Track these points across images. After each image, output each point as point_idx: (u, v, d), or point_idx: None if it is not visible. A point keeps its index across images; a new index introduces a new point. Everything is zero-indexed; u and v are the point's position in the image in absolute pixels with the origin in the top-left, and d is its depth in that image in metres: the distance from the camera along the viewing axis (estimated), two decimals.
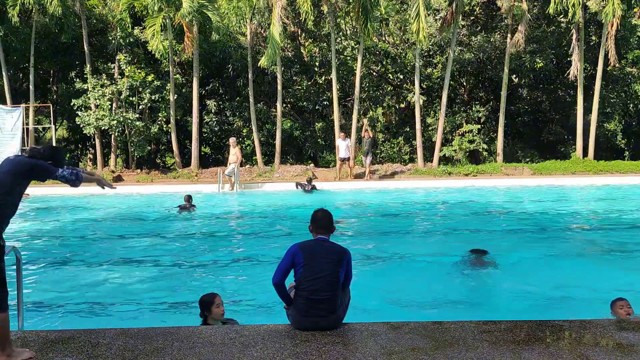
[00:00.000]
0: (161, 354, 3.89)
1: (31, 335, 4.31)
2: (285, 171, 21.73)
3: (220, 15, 22.76)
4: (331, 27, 22.67)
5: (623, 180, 20.16)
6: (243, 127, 26.22)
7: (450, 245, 9.89)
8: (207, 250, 9.75)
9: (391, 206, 15.17)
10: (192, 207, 13.88)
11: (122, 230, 11.74)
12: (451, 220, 13.00)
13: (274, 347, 4.00)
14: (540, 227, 11.59)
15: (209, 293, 5.12)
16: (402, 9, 25.93)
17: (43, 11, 21.40)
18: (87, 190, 18.74)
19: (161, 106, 23.13)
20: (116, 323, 5.79)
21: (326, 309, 4.34)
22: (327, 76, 25.29)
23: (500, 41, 25.00)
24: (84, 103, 21.96)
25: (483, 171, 21.87)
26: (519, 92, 28.48)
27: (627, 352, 3.92)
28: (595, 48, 24.59)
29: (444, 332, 4.29)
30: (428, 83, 27.12)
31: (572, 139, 26.83)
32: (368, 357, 3.80)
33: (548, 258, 8.71)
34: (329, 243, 4.56)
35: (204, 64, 24.54)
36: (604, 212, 13.55)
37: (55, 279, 7.69)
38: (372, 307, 6.29)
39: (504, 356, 3.82)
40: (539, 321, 4.59)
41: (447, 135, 25.82)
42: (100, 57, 24.08)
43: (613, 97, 26.80)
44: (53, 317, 6.15)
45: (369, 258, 8.78)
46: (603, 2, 21.50)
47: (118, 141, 23.07)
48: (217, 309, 4.96)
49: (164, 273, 8.09)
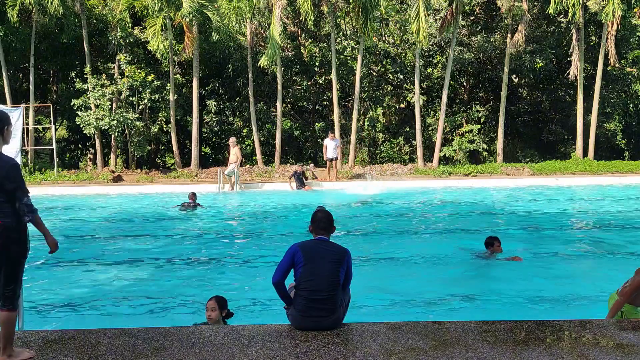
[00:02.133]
0: (161, 354, 3.89)
1: (31, 335, 4.31)
2: (285, 171, 21.72)
3: (220, 15, 22.77)
4: (331, 27, 22.68)
5: (623, 180, 20.16)
6: (243, 127, 26.23)
7: (450, 245, 9.89)
8: (207, 250, 9.74)
9: (391, 206, 15.17)
10: (197, 204, 13.99)
11: (122, 230, 11.74)
12: (451, 220, 13.00)
13: (274, 347, 4.00)
14: (540, 227, 11.59)
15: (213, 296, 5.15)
16: (402, 9, 25.94)
17: (43, 11, 21.40)
18: (87, 191, 18.76)
19: (161, 106, 23.14)
20: (116, 323, 5.78)
21: (326, 309, 4.34)
22: (327, 76, 25.29)
23: (500, 41, 25.01)
24: (84, 103, 21.96)
25: (483, 171, 21.87)
26: (519, 92, 28.49)
27: (627, 352, 3.92)
28: (595, 48, 24.60)
29: (444, 332, 4.29)
30: (428, 83, 27.12)
31: (572, 139, 26.84)
32: (368, 357, 3.80)
33: (548, 258, 8.71)
34: (329, 243, 4.56)
35: (204, 64, 24.54)
36: (604, 212, 13.55)
37: (55, 279, 7.69)
38: (372, 307, 6.29)
39: (504, 356, 3.82)
40: (539, 321, 4.59)
41: (447, 135, 25.84)
42: (100, 57, 24.09)
43: (613, 97, 26.82)
44: (53, 317, 6.14)
45: (369, 258, 8.78)
46: (603, 2, 21.51)
47: (118, 141, 23.07)
48: (207, 313, 4.95)
49: (163, 273, 8.08)
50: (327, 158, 20.10)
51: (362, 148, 28.06)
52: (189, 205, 13.95)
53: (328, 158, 20.04)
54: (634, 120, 29.37)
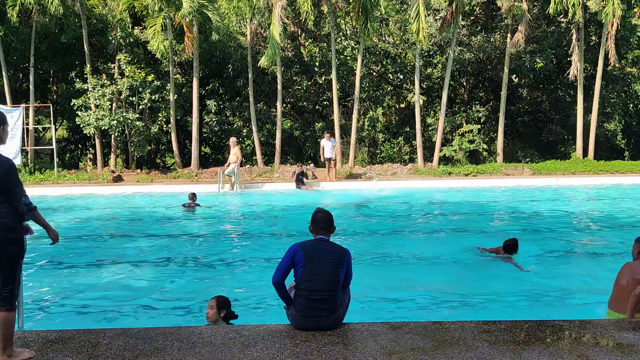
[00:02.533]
0: (161, 354, 3.89)
1: (31, 335, 4.31)
2: (285, 171, 21.73)
3: (220, 15, 22.77)
4: (331, 27, 22.68)
5: (623, 180, 20.16)
6: (243, 127, 26.23)
7: (450, 245, 9.88)
8: (207, 250, 9.74)
9: (391, 206, 15.17)
10: (196, 205, 14.03)
11: (122, 230, 11.75)
12: (451, 220, 13.00)
13: (274, 347, 4.00)
14: (541, 227, 11.58)
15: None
16: (402, 9, 25.95)
17: (43, 11, 21.40)
18: (87, 191, 18.75)
19: (161, 106, 23.14)
20: (116, 323, 5.79)
21: (326, 309, 4.34)
22: (327, 76, 25.29)
23: (500, 41, 25.01)
24: (84, 103, 21.95)
25: (483, 171, 21.87)
26: (519, 92, 28.50)
27: (627, 352, 3.92)
28: (595, 48, 24.60)
29: (444, 332, 4.29)
30: (428, 83, 27.13)
31: (572, 139, 26.85)
32: (368, 357, 3.80)
33: (548, 258, 8.71)
34: (329, 243, 4.57)
35: (204, 64, 24.54)
36: (604, 212, 13.55)
37: (55, 279, 7.69)
38: (372, 307, 6.29)
39: (504, 356, 3.82)
40: (539, 321, 4.60)
41: (447, 135, 25.84)
42: (100, 57, 24.09)
43: (613, 97, 26.83)
44: (53, 317, 6.14)
45: (369, 258, 8.78)
46: (603, 2, 21.52)
47: (118, 141, 23.07)
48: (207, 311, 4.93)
49: (163, 273, 8.08)
50: (324, 158, 20.04)
51: (362, 148, 28.06)
52: (189, 205, 13.98)
53: (326, 158, 19.97)
54: (634, 120, 29.38)
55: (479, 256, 8.58)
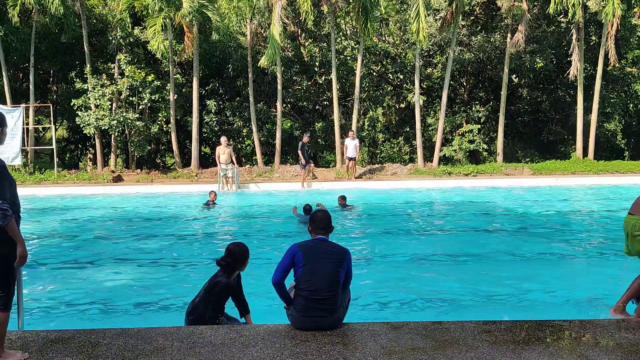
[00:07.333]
0: (161, 354, 3.89)
1: (31, 335, 4.31)
2: (285, 171, 21.73)
3: (220, 15, 22.78)
4: (331, 27, 22.67)
5: (623, 180, 20.16)
6: (243, 127, 26.22)
7: (450, 245, 9.89)
8: (207, 250, 9.74)
9: (391, 206, 15.17)
10: (214, 204, 14.80)
11: (121, 230, 11.74)
12: (451, 220, 13.00)
13: (274, 347, 4.00)
14: (540, 227, 11.59)
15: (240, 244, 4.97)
16: (402, 9, 25.94)
17: (43, 11, 21.41)
18: (87, 190, 18.76)
19: (161, 106, 23.14)
20: (116, 323, 5.79)
21: (326, 308, 4.34)
22: (327, 76, 25.29)
23: (500, 41, 25.01)
24: (84, 103, 21.96)
25: (483, 171, 21.87)
26: (519, 92, 28.50)
27: (627, 352, 3.92)
28: (595, 48, 24.60)
29: (444, 332, 4.29)
30: (428, 83, 27.13)
31: (572, 139, 26.85)
32: (368, 357, 3.80)
33: (548, 257, 8.71)
34: (329, 243, 4.57)
35: (204, 64, 24.54)
36: (603, 212, 13.55)
37: (55, 279, 7.69)
38: (372, 307, 6.29)
39: (504, 356, 3.82)
40: (539, 321, 4.60)
41: (447, 135, 25.83)
42: (100, 57, 24.10)
43: (613, 97, 26.83)
44: (53, 317, 6.14)
45: (369, 258, 8.78)
46: (603, 2, 21.51)
47: (118, 141, 23.08)
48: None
49: (163, 273, 8.08)
50: (346, 157, 20.44)
51: (362, 148, 28.06)
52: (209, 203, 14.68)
53: (348, 157, 20.35)
54: (634, 120, 29.40)
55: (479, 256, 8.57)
